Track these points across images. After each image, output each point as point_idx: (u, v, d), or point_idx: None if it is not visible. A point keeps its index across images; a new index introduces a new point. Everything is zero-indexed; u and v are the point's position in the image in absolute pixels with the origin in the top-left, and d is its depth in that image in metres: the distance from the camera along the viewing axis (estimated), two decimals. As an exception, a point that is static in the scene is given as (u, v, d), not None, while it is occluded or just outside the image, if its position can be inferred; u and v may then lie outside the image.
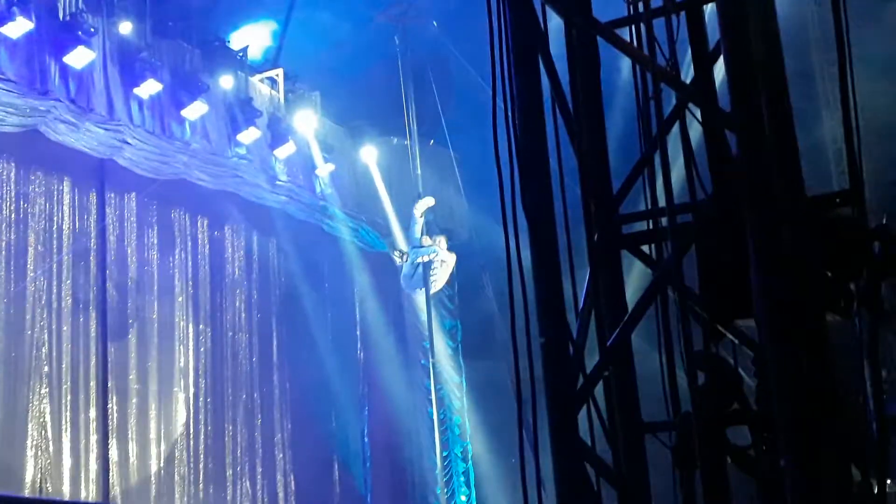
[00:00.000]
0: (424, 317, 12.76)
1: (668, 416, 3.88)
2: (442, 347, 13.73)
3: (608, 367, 3.90)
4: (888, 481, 4.05)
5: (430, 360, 12.91)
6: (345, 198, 12.90)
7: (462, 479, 13.57)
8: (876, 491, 3.86)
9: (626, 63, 4.19)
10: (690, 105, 3.99)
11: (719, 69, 3.97)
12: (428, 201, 12.67)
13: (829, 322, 3.81)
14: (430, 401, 13.14)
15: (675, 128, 4.06)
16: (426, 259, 12.68)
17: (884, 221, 4.10)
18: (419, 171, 12.42)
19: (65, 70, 9.10)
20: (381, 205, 13.50)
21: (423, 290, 12.27)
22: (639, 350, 4.27)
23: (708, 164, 3.93)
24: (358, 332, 14.20)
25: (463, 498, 13.47)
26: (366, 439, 13.87)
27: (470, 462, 13.65)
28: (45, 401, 9.75)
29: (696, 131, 4.15)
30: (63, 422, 9.91)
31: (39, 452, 9.59)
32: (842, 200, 3.93)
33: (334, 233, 13.42)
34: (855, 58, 3.94)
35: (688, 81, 3.99)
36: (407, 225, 13.04)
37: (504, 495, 12.71)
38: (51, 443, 9.70)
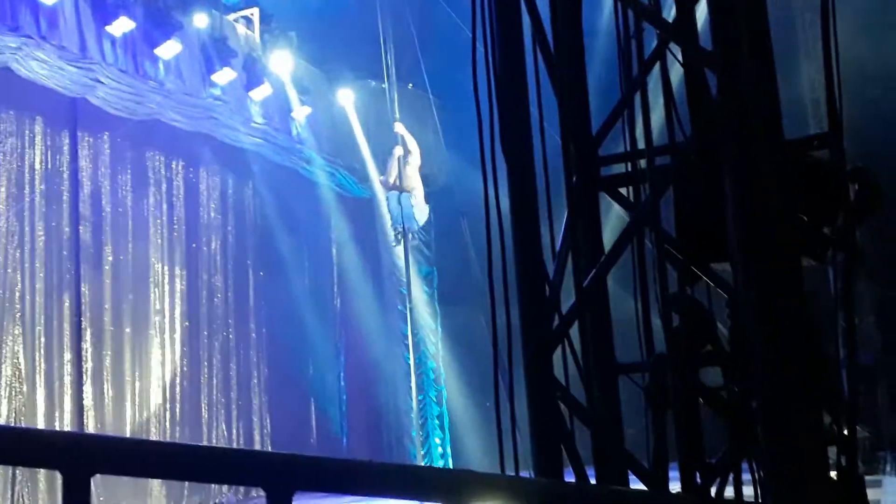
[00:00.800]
0: (402, 263, 12.74)
1: (642, 357, 3.91)
2: (418, 293, 13.75)
3: (584, 308, 3.91)
4: (857, 427, 4.10)
5: (407, 305, 12.91)
6: (321, 141, 12.78)
7: (436, 422, 13.70)
8: (846, 436, 3.92)
9: (607, 4, 4.14)
10: (671, 46, 3.96)
11: (701, 11, 3.94)
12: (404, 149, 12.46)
13: (804, 267, 3.83)
14: (407, 346, 13.20)
15: (656, 71, 4.03)
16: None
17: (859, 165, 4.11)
18: (397, 115, 12.28)
19: (35, 6, 8.88)
20: (358, 149, 13.39)
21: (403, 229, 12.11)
22: (614, 295, 4.28)
23: (688, 105, 3.91)
24: (335, 277, 14.21)
25: (437, 441, 13.62)
26: (342, 383, 13.96)
27: (444, 406, 13.78)
28: (18, 341, 9.69)
29: (676, 74, 4.12)
30: (36, 363, 9.87)
31: (14, 393, 9.57)
32: (819, 144, 3.93)
33: (311, 177, 13.33)
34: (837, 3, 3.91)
35: (670, 21, 3.95)
36: (383, 170, 12.92)
37: (478, 439, 12.86)
38: (24, 384, 9.67)
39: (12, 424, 9.43)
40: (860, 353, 4.67)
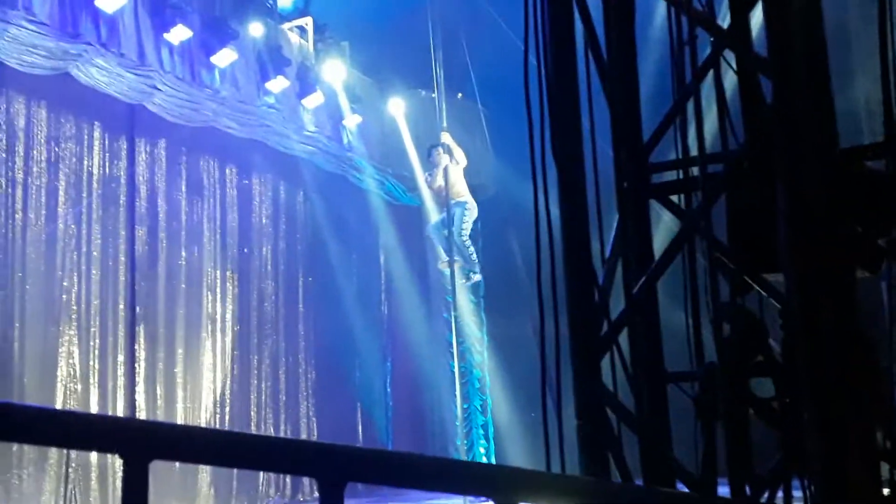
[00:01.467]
0: (448, 270, 12.78)
1: (691, 367, 3.89)
2: (464, 302, 13.78)
3: (633, 315, 3.90)
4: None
5: (453, 313, 12.93)
6: (371, 150, 12.89)
7: (481, 431, 13.70)
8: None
9: (660, 11, 4.14)
10: (725, 53, 3.94)
11: (756, 18, 3.92)
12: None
13: (857, 278, 3.78)
14: (452, 354, 13.23)
15: (709, 77, 4.02)
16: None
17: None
18: (444, 125, 12.37)
19: (96, 14, 9.10)
20: (407, 158, 13.48)
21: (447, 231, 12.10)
22: (664, 304, 4.26)
23: (741, 113, 3.89)
24: (382, 284, 14.29)
25: (482, 450, 13.61)
26: (388, 389, 14.02)
27: (489, 415, 13.77)
28: (73, 342, 9.90)
29: (730, 81, 4.10)
30: (91, 365, 10.07)
31: (69, 392, 9.77)
32: (874, 154, 3.88)
33: (360, 185, 13.44)
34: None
35: (724, 27, 3.94)
36: (426, 166, 12.87)
37: (523, 449, 12.82)
38: (79, 384, 9.87)
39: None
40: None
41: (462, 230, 12.19)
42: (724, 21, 4.03)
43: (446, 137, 12.31)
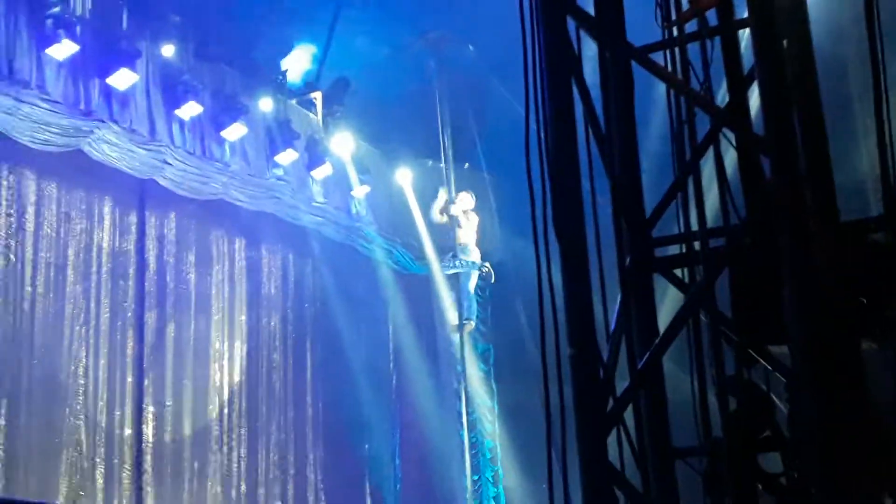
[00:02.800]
0: (457, 339, 12.75)
1: (698, 441, 3.86)
2: (474, 371, 13.70)
3: (638, 391, 3.89)
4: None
5: (462, 383, 12.87)
6: (380, 219, 12.97)
7: (493, 503, 13.49)
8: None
9: (661, 85, 4.20)
10: (725, 130, 3.99)
11: (754, 93, 3.98)
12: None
13: (863, 349, 3.77)
14: (462, 424, 13.10)
15: (710, 152, 4.06)
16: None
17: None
18: (455, 196, 12.47)
19: (108, 91, 9.27)
20: (415, 227, 13.55)
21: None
22: (670, 375, 4.25)
23: (742, 189, 3.92)
24: (391, 354, 14.23)
25: (493, 523, 13.39)
26: (397, 461, 13.85)
27: (501, 486, 13.57)
28: (80, 417, 9.86)
29: (730, 156, 4.15)
30: (97, 440, 10.01)
31: (74, 470, 9.70)
32: (876, 226, 3.90)
33: (369, 254, 13.49)
34: (891, 82, 3.92)
35: (722, 106, 3.99)
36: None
37: (535, 521, 12.62)
38: (85, 460, 9.81)
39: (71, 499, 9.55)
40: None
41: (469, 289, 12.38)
42: (724, 96, 4.10)
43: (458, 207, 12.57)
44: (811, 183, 3.56)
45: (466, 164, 13.55)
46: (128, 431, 10.37)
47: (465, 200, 12.95)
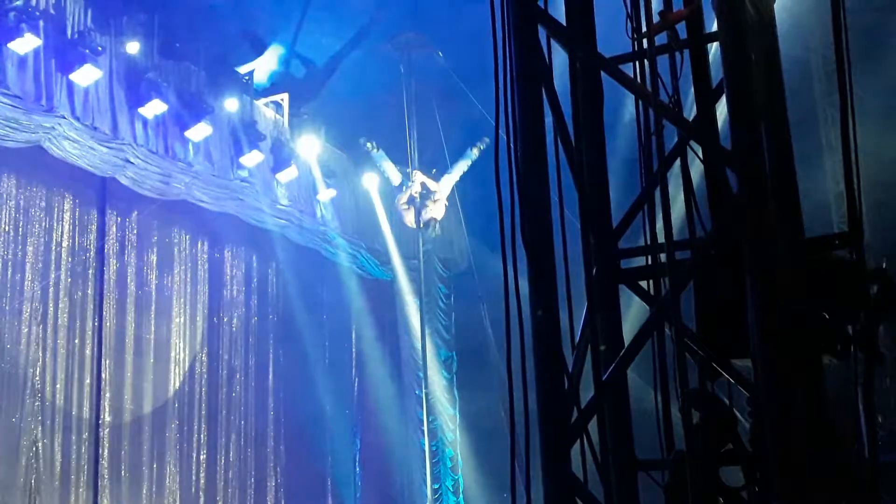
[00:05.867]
0: (420, 345, 12.72)
1: (661, 453, 3.85)
2: (437, 378, 13.67)
3: (603, 402, 3.88)
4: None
5: (424, 390, 12.84)
6: (345, 224, 12.91)
7: (452, 512, 13.46)
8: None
9: (630, 97, 4.20)
10: (692, 142, 4.00)
11: (722, 107, 3.99)
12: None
13: (825, 364, 3.80)
14: (423, 432, 13.06)
15: (677, 164, 4.07)
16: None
17: (883, 265, 4.10)
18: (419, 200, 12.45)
19: (71, 87, 9.13)
20: (381, 232, 13.51)
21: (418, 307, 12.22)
22: (635, 386, 4.24)
23: (708, 202, 3.93)
24: (353, 360, 14.16)
25: (453, 533, 13.35)
26: (357, 468, 13.78)
27: (461, 496, 13.54)
28: (38, 417, 9.69)
29: (697, 168, 4.16)
30: (55, 441, 9.84)
31: (30, 471, 9.52)
32: (840, 243, 3.93)
33: (333, 258, 13.42)
34: (857, 102, 3.95)
35: (690, 119, 4.00)
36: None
37: (495, 530, 12.61)
38: (41, 461, 9.63)
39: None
40: (884, 452, 4.58)
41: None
42: (692, 109, 4.11)
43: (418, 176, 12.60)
44: (776, 198, 3.58)
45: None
46: (85, 434, 10.21)
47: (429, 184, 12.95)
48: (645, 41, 3.93)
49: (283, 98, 12.26)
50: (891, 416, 9.80)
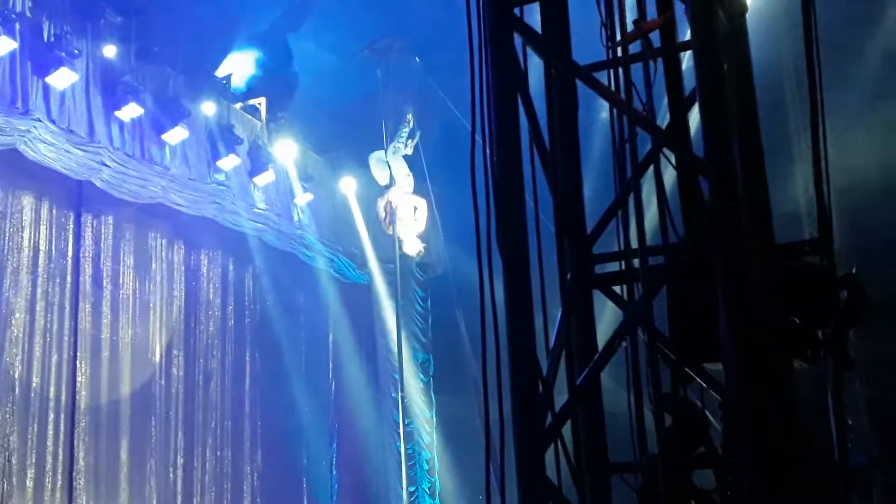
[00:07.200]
0: (396, 349, 12.73)
1: (634, 457, 3.89)
2: (413, 381, 13.69)
3: (577, 406, 3.92)
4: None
5: (400, 393, 12.85)
6: (322, 228, 12.91)
7: (429, 515, 13.47)
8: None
9: (605, 105, 4.25)
10: (665, 149, 4.05)
11: (695, 115, 4.05)
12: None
13: (795, 369, 3.85)
14: (399, 434, 13.08)
15: (650, 171, 4.12)
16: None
17: (853, 271, 4.17)
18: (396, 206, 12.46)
19: (47, 90, 9.08)
20: (358, 236, 13.52)
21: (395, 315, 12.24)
22: (609, 389, 4.28)
23: (681, 208, 3.99)
24: (330, 363, 14.15)
25: (429, 535, 13.37)
26: (334, 471, 13.77)
27: (437, 499, 13.56)
28: (13, 424, 9.62)
29: (670, 175, 4.21)
30: (28, 445, 9.77)
31: (4, 475, 9.45)
32: (811, 249, 3.99)
33: (310, 262, 13.41)
34: (827, 107, 4.02)
35: (663, 126, 4.05)
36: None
37: (471, 533, 12.63)
38: (15, 465, 9.56)
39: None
40: (853, 454, 4.66)
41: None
42: (665, 117, 4.16)
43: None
44: (748, 204, 3.64)
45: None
46: (62, 437, 10.14)
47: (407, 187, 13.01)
48: (619, 49, 3.98)
49: (261, 102, 12.25)
50: (860, 419, 9.94)
